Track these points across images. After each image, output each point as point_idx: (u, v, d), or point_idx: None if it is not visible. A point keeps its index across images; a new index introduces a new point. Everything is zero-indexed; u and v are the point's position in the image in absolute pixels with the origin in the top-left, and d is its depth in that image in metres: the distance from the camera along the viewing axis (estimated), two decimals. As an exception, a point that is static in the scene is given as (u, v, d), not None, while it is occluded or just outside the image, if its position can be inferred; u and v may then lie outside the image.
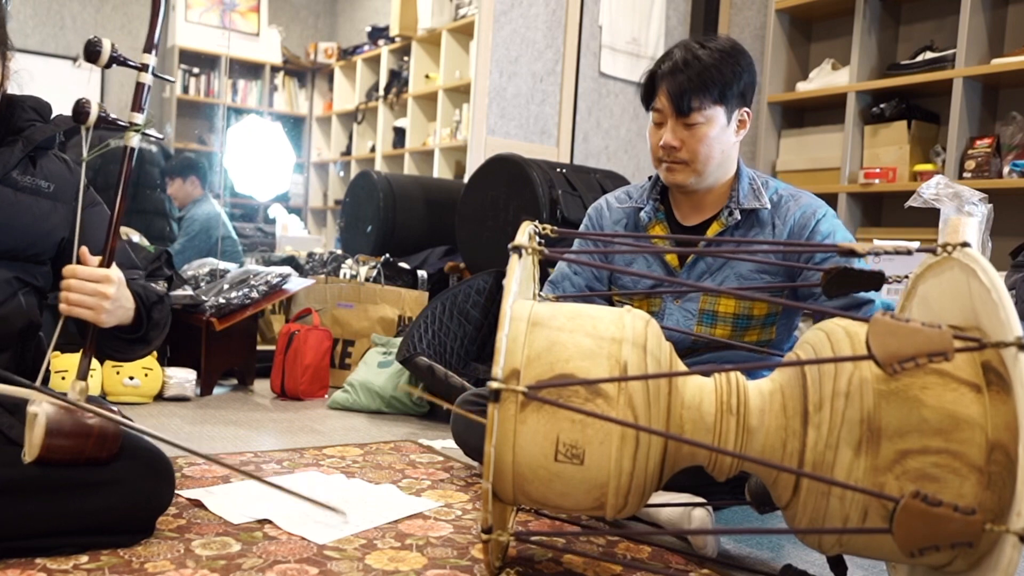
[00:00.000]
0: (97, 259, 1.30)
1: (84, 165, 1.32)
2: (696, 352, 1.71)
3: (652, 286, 1.73)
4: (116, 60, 1.29)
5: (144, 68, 1.31)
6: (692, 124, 1.63)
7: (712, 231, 1.70)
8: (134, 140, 1.32)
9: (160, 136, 1.41)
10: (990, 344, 0.94)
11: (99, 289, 1.26)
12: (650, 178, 1.80)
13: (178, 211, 4.02)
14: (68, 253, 1.40)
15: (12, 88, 1.39)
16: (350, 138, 6.28)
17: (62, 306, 1.26)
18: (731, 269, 1.68)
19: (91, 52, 1.27)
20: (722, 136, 1.65)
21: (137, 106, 1.32)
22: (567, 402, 1.05)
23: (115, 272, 1.29)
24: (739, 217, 1.68)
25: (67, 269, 1.27)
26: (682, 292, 1.70)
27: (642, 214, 1.76)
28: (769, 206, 1.68)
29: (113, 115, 1.30)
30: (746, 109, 1.68)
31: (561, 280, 1.79)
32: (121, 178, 1.31)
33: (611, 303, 1.78)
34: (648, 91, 1.69)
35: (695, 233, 1.73)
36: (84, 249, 1.30)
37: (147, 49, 1.32)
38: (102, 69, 1.30)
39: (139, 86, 1.32)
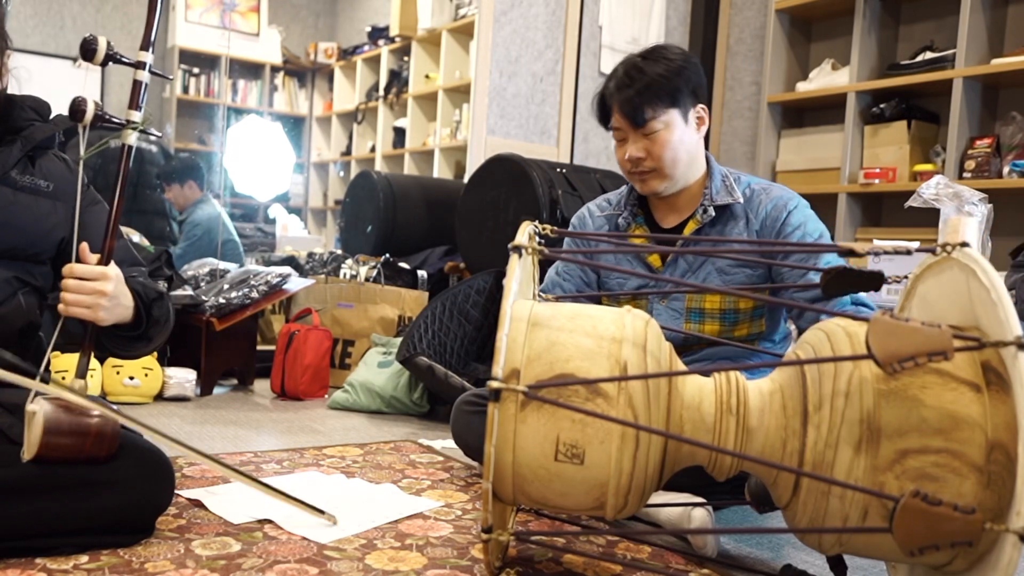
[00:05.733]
0: (96, 257, 1.30)
1: (82, 164, 1.32)
2: (689, 350, 1.72)
3: (639, 286, 1.75)
4: (112, 58, 1.29)
5: (141, 66, 1.31)
6: (651, 132, 1.66)
7: (689, 229, 1.72)
8: (131, 138, 1.32)
9: (158, 134, 1.42)
10: (989, 343, 0.94)
11: (96, 287, 1.26)
12: (628, 184, 1.82)
13: (178, 214, 4.01)
14: (68, 253, 1.40)
15: (12, 87, 1.39)
16: (350, 138, 6.28)
17: (60, 306, 1.26)
18: (712, 265, 1.70)
19: (87, 50, 1.27)
20: (684, 137, 1.68)
21: (135, 104, 1.32)
22: (567, 402, 1.05)
23: (112, 270, 1.29)
24: (713, 214, 1.70)
25: (66, 268, 1.27)
26: (670, 292, 1.72)
27: (620, 220, 1.80)
28: (742, 200, 1.70)
29: (111, 114, 1.30)
30: (701, 106, 1.71)
31: (551, 288, 1.81)
32: (119, 176, 1.31)
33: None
34: (602, 112, 1.73)
35: (673, 234, 1.75)
36: (84, 245, 1.29)
37: (144, 47, 1.32)
38: (102, 69, 1.30)
39: (136, 84, 1.32)
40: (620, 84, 1.67)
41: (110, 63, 1.29)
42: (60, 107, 1.49)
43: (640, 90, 1.64)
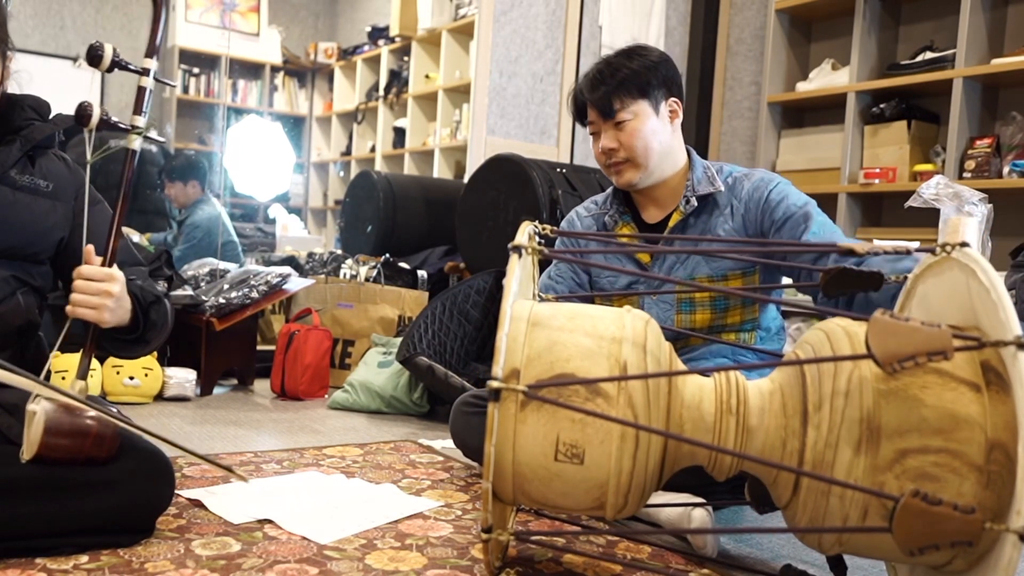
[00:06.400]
0: (100, 259, 1.30)
1: (88, 167, 1.32)
2: (686, 345, 1.72)
3: (630, 283, 1.75)
4: (118, 64, 1.29)
5: (146, 72, 1.32)
6: (621, 123, 1.69)
7: (673, 221, 1.74)
8: (136, 143, 1.32)
9: (162, 140, 1.42)
10: (989, 343, 0.94)
11: (103, 288, 1.26)
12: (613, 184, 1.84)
13: (178, 212, 4.00)
14: (67, 252, 1.41)
15: (12, 88, 1.39)
16: (350, 138, 6.28)
17: (68, 308, 1.26)
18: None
19: (93, 56, 1.27)
20: (656, 128, 1.71)
21: (139, 109, 1.33)
22: (567, 402, 1.05)
23: (117, 272, 1.30)
24: (696, 204, 1.72)
25: (76, 271, 1.27)
26: (661, 292, 1.73)
27: (606, 218, 1.82)
28: (724, 189, 1.72)
29: (115, 117, 1.31)
30: (674, 99, 1.74)
31: (545, 291, 1.81)
32: (123, 180, 1.32)
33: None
34: (579, 110, 1.77)
35: (660, 228, 1.77)
36: (89, 248, 1.30)
37: (149, 54, 1.33)
38: (103, 73, 1.30)
39: (140, 90, 1.33)
40: (592, 81, 1.71)
41: (116, 69, 1.29)
42: (59, 107, 1.49)
43: (611, 84, 1.68)
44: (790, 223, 1.63)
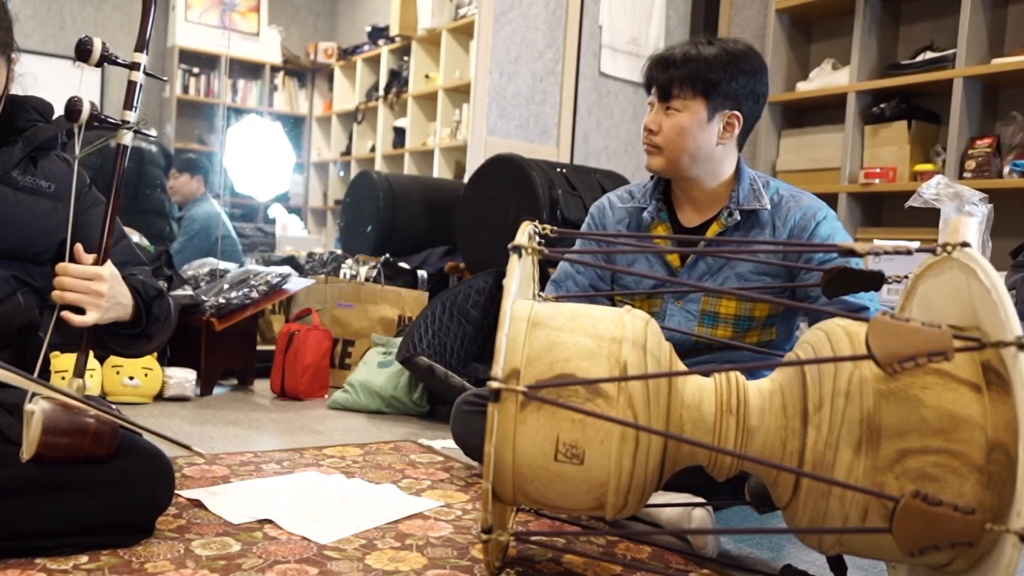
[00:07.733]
0: (92, 257, 1.30)
1: (77, 163, 1.32)
2: (698, 353, 1.71)
3: (654, 286, 1.73)
4: (107, 59, 1.29)
5: (135, 66, 1.32)
6: (670, 110, 1.67)
7: (712, 232, 1.70)
8: (126, 138, 1.32)
9: (153, 135, 1.41)
10: (990, 344, 0.94)
11: (92, 287, 1.26)
12: (652, 177, 1.80)
13: (178, 210, 4.01)
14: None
15: (15, 90, 1.39)
16: (350, 138, 6.28)
17: (56, 294, 1.25)
18: (731, 270, 1.68)
19: (82, 51, 1.27)
20: (698, 131, 1.66)
21: (129, 104, 1.32)
22: (567, 402, 1.05)
23: (107, 269, 1.29)
24: (739, 218, 1.68)
25: (59, 267, 1.27)
26: (684, 292, 1.70)
27: (645, 214, 1.77)
28: (769, 207, 1.68)
29: (107, 114, 1.30)
30: (735, 112, 1.67)
31: (564, 280, 1.79)
32: (114, 175, 1.32)
33: (613, 303, 1.77)
34: (647, 80, 1.73)
35: (695, 233, 1.73)
36: (79, 247, 1.30)
37: (138, 48, 1.32)
38: (101, 69, 1.30)
39: (131, 84, 1.33)
40: (671, 59, 1.67)
41: (106, 64, 1.29)
42: (60, 107, 1.49)
43: (679, 71, 1.64)
44: (828, 266, 1.60)
